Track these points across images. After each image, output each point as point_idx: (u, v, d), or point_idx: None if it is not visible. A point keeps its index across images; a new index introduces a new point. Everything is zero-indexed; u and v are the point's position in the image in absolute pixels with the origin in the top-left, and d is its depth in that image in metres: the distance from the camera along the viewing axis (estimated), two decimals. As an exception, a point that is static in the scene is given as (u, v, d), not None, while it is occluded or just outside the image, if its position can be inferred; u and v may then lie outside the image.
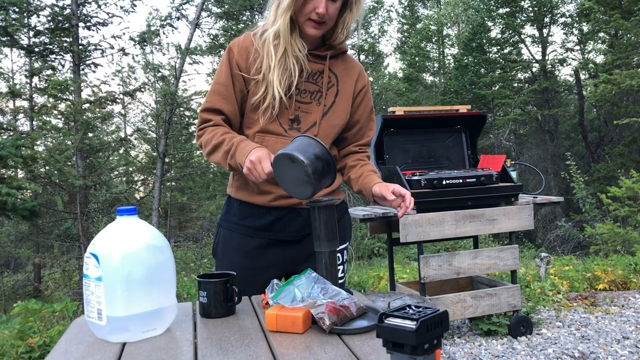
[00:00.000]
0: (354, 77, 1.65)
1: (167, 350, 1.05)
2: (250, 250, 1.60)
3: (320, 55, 1.57)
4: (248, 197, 1.59)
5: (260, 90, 1.51)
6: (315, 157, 1.28)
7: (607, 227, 7.25)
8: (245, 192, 1.60)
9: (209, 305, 1.25)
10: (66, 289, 9.13)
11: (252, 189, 1.58)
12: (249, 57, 1.53)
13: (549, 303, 4.06)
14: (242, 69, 1.53)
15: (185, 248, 11.54)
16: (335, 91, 1.60)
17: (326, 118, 1.58)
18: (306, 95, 1.56)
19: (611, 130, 15.21)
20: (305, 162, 1.26)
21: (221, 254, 1.64)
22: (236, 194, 1.62)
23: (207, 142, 1.51)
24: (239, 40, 1.56)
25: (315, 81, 1.57)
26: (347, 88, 1.63)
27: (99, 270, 1.09)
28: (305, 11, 1.48)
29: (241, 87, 1.55)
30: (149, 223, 1.19)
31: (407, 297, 2.10)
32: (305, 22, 1.50)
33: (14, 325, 3.01)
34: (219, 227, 1.68)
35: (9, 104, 11.54)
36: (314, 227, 1.35)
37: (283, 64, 1.50)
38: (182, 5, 9.61)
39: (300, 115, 1.56)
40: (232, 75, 1.53)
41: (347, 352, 1.01)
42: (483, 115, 3.43)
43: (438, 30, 21.30)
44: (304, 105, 1.56)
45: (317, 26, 1.50)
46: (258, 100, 1.52)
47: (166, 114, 8.95)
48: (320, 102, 1.57)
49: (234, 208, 1.63)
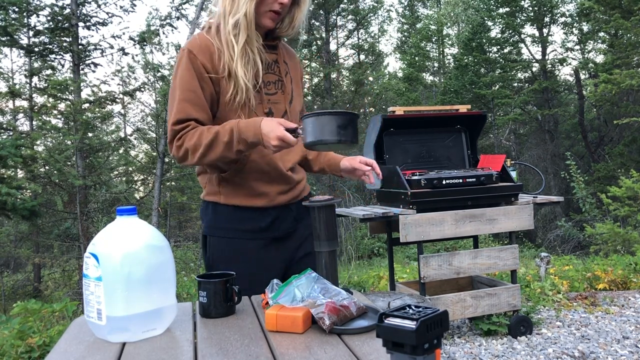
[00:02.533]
0: (297, 62, 1.72)
1: (167, 350, 1.05)
2: (250, 253, 1.57)
3: (271, 45, 1.60)
4: (244, 201, 1.56)
5: (231, 87, 1.48)
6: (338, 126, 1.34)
7: (607, 227, 7.25)
8: (239, 197, 1.56)
9: (209, 305, 1.25)
10: (66, 289, 9.12)
11: (247, 192, 1.56)
12: (212, 57, 1.47)
13: (549, 303, 4.06)
14: (210, 70, 1.47)
15: (185, 248, 11.54)
16: (290, 78, 1.65)
17: (292, 106, 1.63)
18: (271, 87, 1.58)
19: (611, 130, 15.21)
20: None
21: (218, 264, 1.57)
22: (228, 200, 1.56)
23: (195, 147, 1.43)
24: (195, 41, 1.48)
25: (273, 71, 1.60)
26: (296, 74, 1.69)
27: (98, 270, 1.09)
28: (269, 1, 1.49)
29: (210, 90, 1.48)
30: (148, 223, 1.19)
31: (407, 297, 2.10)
32: (265, 12, 1.50)
33: (13, 325, 3.01)
34: (206, 238, 1.60)
35: (8, 104, 11.54)
36: (314, 227, 1.34)
37: (245, 54, 1.48)
38: (181, 5, 9.61)
39: (272, 107, 1.58)
40: (199, 79, 1.46)
41: (347, 352, 1.00)
42: (483, 115, 3.43)
43: (438, 30, 21.29)
44: (273, 97, 1.58)
45: (276, 17, 1.52)
46: (231, 97, 1.48)
47: (166, 113, 8.94)
48: (284, 91, 1.60)
49: (224, 215, 1.57)
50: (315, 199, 1.38)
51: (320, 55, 14.59)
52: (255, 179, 1.55)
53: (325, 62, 14.48)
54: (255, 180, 1.55)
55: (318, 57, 14.63)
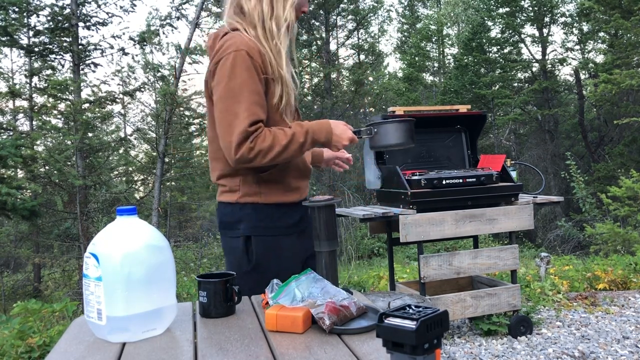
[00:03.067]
0: None
1: (167, 350, 1.05)
2: (290, 249, 1.61)
3: None
4: (282, 198, 1.59)
5: (278, 90, 1.51)
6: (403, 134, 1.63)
7: (607, 226, 7.25)
8: (277, 195, 1.58)
9: (209, 305, 1.25)
10: (66, 289, 9.12)
11: (284, 188, 1.60)
12: (263, 58, 1.49)
13: (549, 303, 4.06)
14: (262, 72, 1.49)
15: (185, 248, 11.53)
16: None
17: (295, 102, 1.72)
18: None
19: (611, 130, 15.21)
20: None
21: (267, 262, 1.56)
22: (267, 199, 1.57)
23: (270, 148, 1.45)
24: (244, 42, 1.48)
25: None
26: None
27: (98, 270, 1.09)
28: (301, 8, 1.58)
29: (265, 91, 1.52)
30: (148, 223, 1.19)
31: (407, 297, 2.10)
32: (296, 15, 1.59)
33: (13, 325, 3.01)
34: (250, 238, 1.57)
35: (8, 104, 11.54)
36: (314, 227, 1.35)
37: (288, 57, 1.54)
38: (181, 5, 9.60)
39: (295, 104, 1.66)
40: (259, 80, 1.48)
41: (347, 352, 1.00)
42: (483, 115, 3.43)
43: (438, 30, 21.30)
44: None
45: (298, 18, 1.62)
46: (278, 100, 1.51)
47: (166, 113, 8.94)
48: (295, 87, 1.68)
49: (266, 213, 1.58)
50: (315, 199, 1.38)
51: (320, 55, 14.59)
52: (292, 175, 1.61)
53: (325, 62, 14.48)
54: (292, 177, 1.61)
55: (318, 57, 14.63)
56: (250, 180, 1.56)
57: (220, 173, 1.59)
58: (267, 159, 1.46)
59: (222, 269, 9.18)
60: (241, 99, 1.44)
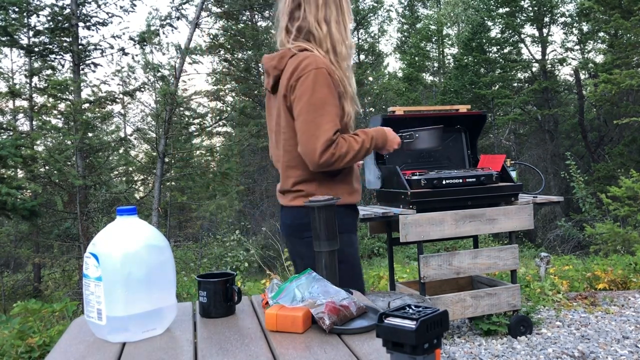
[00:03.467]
0: None
1: (167, 350, 1.05)
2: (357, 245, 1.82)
3: None
4: (349, 199, 1.76)
5: (347, 105, 1.69)
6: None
7: (607, 226, 7.25)
8: (345, 196, 1.75)
9: (209, 305, 1.25)
10: (66, 289, 9.12)
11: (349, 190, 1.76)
12: (335, 77, 1.67)
13: (548, 303, 4.06)
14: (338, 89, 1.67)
15: (185, 248, 11.53)
16: None
17: None
18: None
19: (611, 130, 15.21)
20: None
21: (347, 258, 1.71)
22: (350, 199, 1.76)
23: (346, 153, 1.63)
24: (323, 62, 1.65)
25: None
26: None
27: (98, 270, 1.09)
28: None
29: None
30: (148, 223, 1.19)
31: (407, 297, 2.10)
32: None
33: (13, 325, 3.01)
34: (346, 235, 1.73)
35: (8, 104, 11.54)
36: (314, 227, 1.35)
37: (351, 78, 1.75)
38: (182, 5, 9.60)
39: None
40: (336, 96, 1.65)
41: (347, 352, 1.01)
42: (483, 115, 3.43)
43: (438, 30, 21.29)
44: None
45: None
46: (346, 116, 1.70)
47: (166, 113, 8.94)
48: None
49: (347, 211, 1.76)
50: (315, 198, 1.38)
51: (320, 55, 14.55)
52: (355, 179, 1.81)
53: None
54: (354, 180, 1.80)
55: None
56: (326, 184, 1.73)
57: (297, 179, 1.73)
58: (343, 163, 1.64)
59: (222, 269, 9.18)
60: (324, 112, 1.62)
